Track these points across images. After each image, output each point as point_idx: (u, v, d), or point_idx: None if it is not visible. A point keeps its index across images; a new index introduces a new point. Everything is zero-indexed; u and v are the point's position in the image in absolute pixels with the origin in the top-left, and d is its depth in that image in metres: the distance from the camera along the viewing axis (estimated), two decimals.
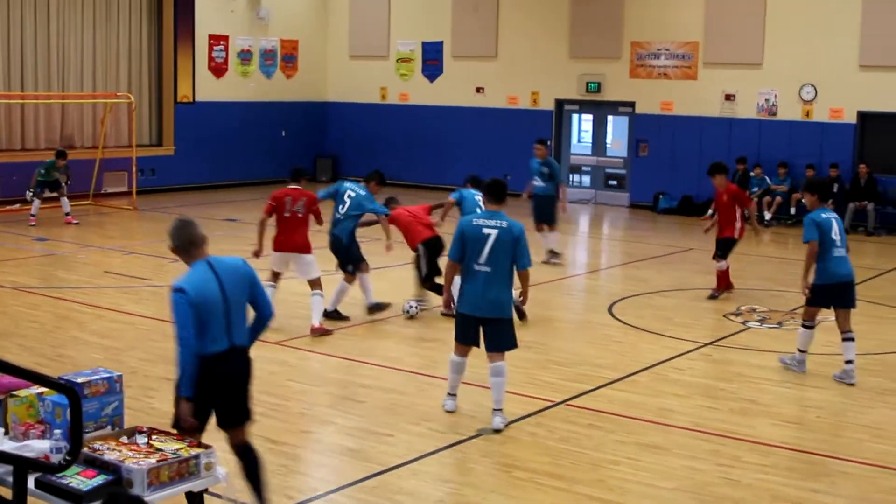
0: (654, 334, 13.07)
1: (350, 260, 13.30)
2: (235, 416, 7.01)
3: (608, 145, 27.22)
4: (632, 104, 26.06)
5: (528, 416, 9.71)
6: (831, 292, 11.11)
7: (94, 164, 24.25)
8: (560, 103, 27.11)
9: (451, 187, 23.86)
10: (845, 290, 11.14)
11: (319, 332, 12.52)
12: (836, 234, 11.02)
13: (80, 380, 6.19)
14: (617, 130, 27.08)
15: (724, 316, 14.09)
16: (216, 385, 6.79)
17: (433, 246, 13.75)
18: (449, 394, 9.80)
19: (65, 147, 22.92)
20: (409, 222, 13.91)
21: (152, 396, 9.87)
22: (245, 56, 28.65)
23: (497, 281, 9.25)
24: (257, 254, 12.55)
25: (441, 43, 28.63)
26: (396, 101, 29.60)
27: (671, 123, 25.41)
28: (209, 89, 27.82)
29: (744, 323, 13.49)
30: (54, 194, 21.15)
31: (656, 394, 10.60)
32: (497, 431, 9.25)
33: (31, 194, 20.95)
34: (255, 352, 7.05)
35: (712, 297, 15.00)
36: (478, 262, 9.23)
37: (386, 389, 10.48)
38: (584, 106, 27.10)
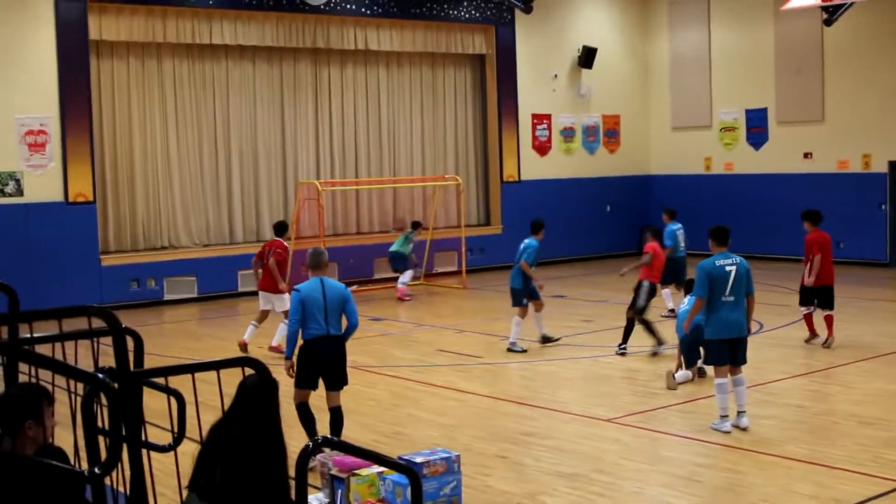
0: None
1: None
2: (331, 383, 10.33)
3: None
4: None
5: (876, 497, 9.17)
6: None
7: (426, 245, 25.09)
8: (894, 165, 25.85)
9: (782, 257, 23.24)
10: None
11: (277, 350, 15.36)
12: None
13: (419, 459, 6.33)
14: None
15: None
16: (316, 358, 10.21)
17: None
18: (722, 416, 11.26)
19: (397, 229, 23.80)
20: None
21: (487, 475, 9.94)
22: (568, 133, 29.03)
23: (739, 307, 11.20)
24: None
25: (765, 109, 28.01)
26: (721, 170, 29.13)
27: None
28: (533, 167, 28.33)
29: None
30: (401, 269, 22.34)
31: None
32: (744, 429, 11.13)
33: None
34: (586, 429, 7.02)
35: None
36: (725, 295, 11.12)
37: (722, 468, 10.16)
38: None
